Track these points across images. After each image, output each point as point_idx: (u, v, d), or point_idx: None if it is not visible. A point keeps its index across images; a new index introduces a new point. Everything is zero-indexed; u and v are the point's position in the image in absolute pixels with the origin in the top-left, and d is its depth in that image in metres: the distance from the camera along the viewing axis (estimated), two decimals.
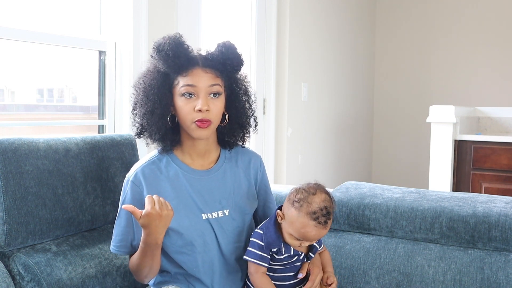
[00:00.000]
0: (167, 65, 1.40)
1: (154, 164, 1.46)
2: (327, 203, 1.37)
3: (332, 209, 1.39)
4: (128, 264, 1.50)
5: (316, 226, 1.35)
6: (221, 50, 1.44)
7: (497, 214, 1.62)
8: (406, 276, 1.65)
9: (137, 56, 2.26)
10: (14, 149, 1.47)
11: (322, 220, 1.35)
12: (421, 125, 4.33)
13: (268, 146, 3.31)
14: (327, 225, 1.36)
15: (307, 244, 1.41)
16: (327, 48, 3.84)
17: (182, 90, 1.40)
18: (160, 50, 1.39)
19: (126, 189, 1.44)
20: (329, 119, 3.93)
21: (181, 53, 1.39)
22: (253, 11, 3.17)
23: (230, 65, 1.45)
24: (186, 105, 1.40)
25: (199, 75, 1.40)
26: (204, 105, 1.38)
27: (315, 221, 1.34)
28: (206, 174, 1.49)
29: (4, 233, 1.42)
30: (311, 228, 1.35)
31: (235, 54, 1.45)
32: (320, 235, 1.37)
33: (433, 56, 4.44)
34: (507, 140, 3.17)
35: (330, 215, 1.37)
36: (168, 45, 1.39)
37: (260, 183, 1.59)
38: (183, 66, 1.40)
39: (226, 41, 1.47)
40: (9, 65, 2.03)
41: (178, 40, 1.41)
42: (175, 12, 2.48)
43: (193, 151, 1.48)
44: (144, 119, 1.43)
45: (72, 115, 2.42)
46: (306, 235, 1.36)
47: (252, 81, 3.19)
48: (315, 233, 1.36)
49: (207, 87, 1.40)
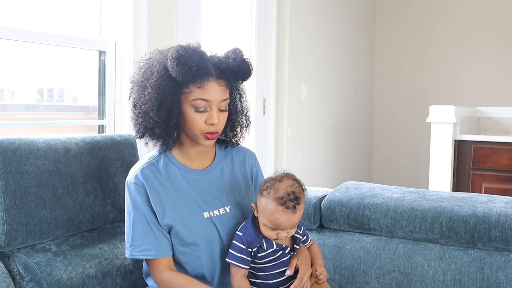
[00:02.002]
0: (185, 77, 1.34)
1: (153, 165, 1.45)
2: (294, 188, 1.38)
3: (301, 194, 1.39)
4: (156, 279, 1.43)
5: (284, 211, 1.35)
6: (234, 59, 1.40)
7: (497, 214, 1.62)
8: (406, 276, 1.65)
9: (137, 56, 2.26)
10: (14, 149, 1.47)
11: (290, 205, 1.35)
12: (421, 125, 4.33)
13: (268, 146, 3.31)
14: (297, 210, 1.36)
15: (284, 235, 1.39)
16: (327, 48, 3.84)
17: (195, 103, 1.37)
18: (182, 63, 1.32)
19: (132, 193, 1.42)
20: (329, 119, 3.93)
21: (203, 65, 1.35)
22: (253, 11, 3.17)
23: (241, 77, 1.44)
24: (198, 118, 1.38)
25: (214, 90, 1.38)
26: (216, 119, 1.39)
27: (283, 206, 1.35)
28: (204, 173, 1.49)
29: (4, 233, 1.42)
30: (280, 213, 1.35)
31: (248, 69, 1.43)
32: (292, 221, 1.36)
33: (433, 56, 4.44)
34: (507, 140, 3.17)
35: (299, 200, 1.37)
36: (192, 59, 1.33)
37: (256, 179, 1.61)
38: (198, 76, 1.36)
39: (240, 55, 1.42)
40: (9, 65, 2.03)
41: (201, 53, 1.36)
42: (175, 12, 2.48)
43: (192, 152, 1.49)
44: (146, 120, 1.40)
45: (72, 115, 2.42)
46: (277, 222, 1.36)
47: (252, 81, 3.19)
48: (285, 219, 1.35)
49: (220, 102, 1.40)
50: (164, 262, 1.42)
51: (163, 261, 1.42)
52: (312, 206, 1.85)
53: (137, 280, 1.65)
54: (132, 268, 1.65)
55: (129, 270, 1.64)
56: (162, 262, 1.42)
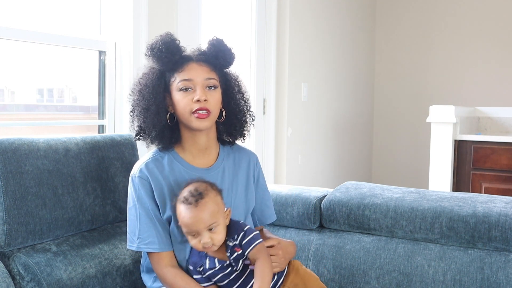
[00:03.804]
0: (162, 62, 1.44)
1: (157, 160, 1.47)
2: (198, 186, 1.37)
3: (208, 192, 1.36)
4: (158, 273, 1.45)
5: (187, 207, 1.34)
6: (212, 44, 1.49)
7: (497, 214, 1.62)
8: (406, 276, 1.65)
9: (137, 56, 2.26)
10: (14, 149, 1.47)
11: (192, 200, 1.34)
12: (421, 125, 4.33)
13: (268, 146, 3.31)
14: (199, 204, 1.33)
15: (207, 240, 1.33)
16: (327, 48, 3.84)
17: (179, 85, 1.43)
18: (153, 48, 1.44)
19: (136, 186, 1.45)
20: (329, 119, 3.93)
21: (174, 48, 1.44)
22: (253, 11, 3.17)
23: (222, 57, 1.49)
24: (184, 98, 1.43)
25: (195, 69, 1.44)
26: (202, 95, 1.41)
27: (185, 203, 1.34)
28: (207, 172, 1.50)
29: (4, 233, 1.42)
30: (184, 212, 1.34)
31: (226, 48, 1.50)
32: (198, 217, 1.33)
33: (433, 56, 4.44)
34: (507, 140, 3.17)
35: (202, 195, 1.35)
36: (160, 42, 1.43)
37: (257, 180, 1.61)
38: (177, 62, 1.44)
39: (216, 37, 1.51)
40: (9, 65, 2.03)
41: (169, 37, 1.46)
42: (175, 12, 2.48)
43: (194, 148, 1.50)
44: (141, 118, 1.46)
45: (72, 115, 2.42)
46: (185, 223, 1.34)
47: (252, 81, 3.19)
48: (190, 215, 1.33)
49: (204, 80, 1.44)
50: (167, 257, 1.44)
51: (165, 256, 1.44)
52: (312, 206, 1.85)
53: (137, 280, 1.65)
54: (132, 268, 1.65)
55: (129, 270, 1.64)
56: (164, 256, 1.43)
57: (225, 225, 1.38)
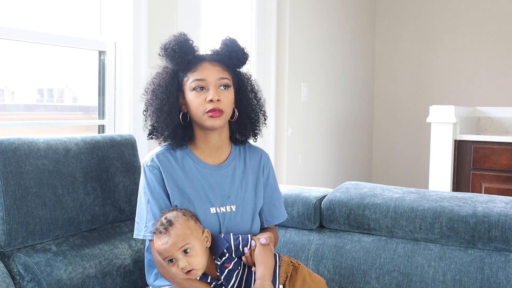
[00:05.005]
0: (175, 62, 1.46)
1: (169, 152, 1.50)
2: (167, 215, 1.38)
3: (179, 218, 1.36)
4: (161, 264, 1.44)
5: (159, 236, 1.35)
6: (226, 43, 1.50)
7: (497, 214, 1.62)
8: (406, 276, 1.65)
9: (137, 56, 2.26)
10: (14, 149, 1.47)
11: (162, 229, 1.35)
12: (421, 125, 4.33)
13: (268, 146, 3.31)
14: (169, 230, 1.34)
15: (183, 264, 1.34)
16: (327, 48, 3.84)
17: (192, 85, 1.45)
18: (166, 48, 1.45)
19: (148, 174, 1.47)
20: (329, 119, 3.93)
21: (187, 49, 1.45)
22: (253, 11, 3.17)
23: (235, 57, 1.50)
24: (197, 98, 1.44)
25: (208, 69, 1.45)
26: (215, 95, 1.43)
27: (156, 233, 1.37)
28: (217, 169, 1.51)
29: (4, 233, 1.42)
30: (157, 241, 1.36)
31: (239, 48, 1.51)
32: (169, 242, 1.34)
33: (433, 56, 4.44)
34: (507, 140, 3.17)
35: (171, 222, 1.35)
36: (173, 42, 1.45)
37: (266, 180, 1.61)
38: (190, 62, 1.46)
39: (229, 37, 1.53)
40: (9, 65, 2.03)
41: (183, 37, 1.47)
42: (175, 12, 2.48)
43: (206, 147, 1.51)
44: (154, 118, 1.47)
45: (72, 115, 2.42)
46: (160, 250, 1.35)
47: None
48: (162, 242, 1.34)
49: (217, 80, 1.45)
50: None
51: None
52: (312, 206, 1.85)
53: (137, 280, 1.66)
54: (132, 268, 1.65)
55: (129, 270, 1.64)
56: None
57: (204, 248, 1.38)
